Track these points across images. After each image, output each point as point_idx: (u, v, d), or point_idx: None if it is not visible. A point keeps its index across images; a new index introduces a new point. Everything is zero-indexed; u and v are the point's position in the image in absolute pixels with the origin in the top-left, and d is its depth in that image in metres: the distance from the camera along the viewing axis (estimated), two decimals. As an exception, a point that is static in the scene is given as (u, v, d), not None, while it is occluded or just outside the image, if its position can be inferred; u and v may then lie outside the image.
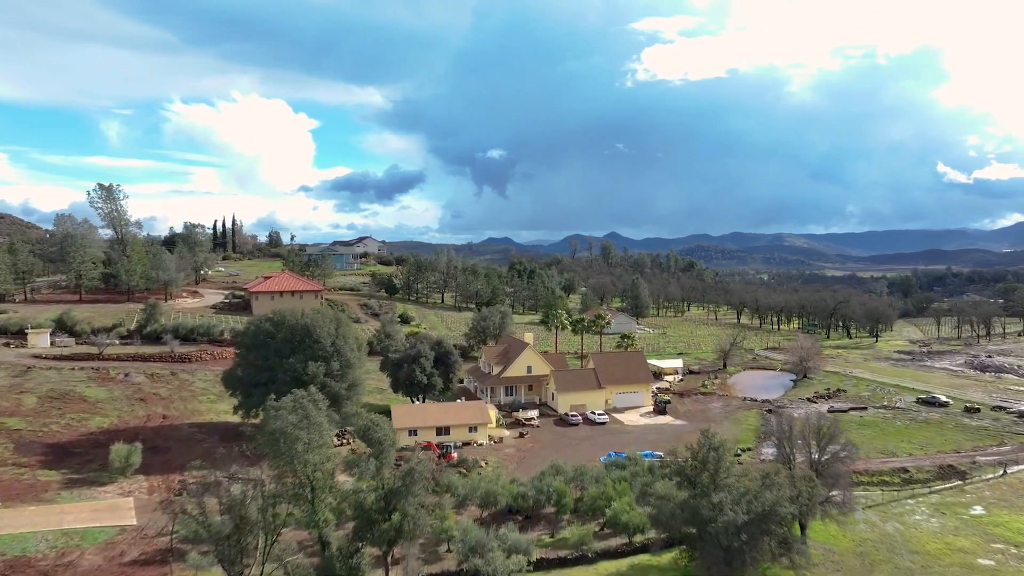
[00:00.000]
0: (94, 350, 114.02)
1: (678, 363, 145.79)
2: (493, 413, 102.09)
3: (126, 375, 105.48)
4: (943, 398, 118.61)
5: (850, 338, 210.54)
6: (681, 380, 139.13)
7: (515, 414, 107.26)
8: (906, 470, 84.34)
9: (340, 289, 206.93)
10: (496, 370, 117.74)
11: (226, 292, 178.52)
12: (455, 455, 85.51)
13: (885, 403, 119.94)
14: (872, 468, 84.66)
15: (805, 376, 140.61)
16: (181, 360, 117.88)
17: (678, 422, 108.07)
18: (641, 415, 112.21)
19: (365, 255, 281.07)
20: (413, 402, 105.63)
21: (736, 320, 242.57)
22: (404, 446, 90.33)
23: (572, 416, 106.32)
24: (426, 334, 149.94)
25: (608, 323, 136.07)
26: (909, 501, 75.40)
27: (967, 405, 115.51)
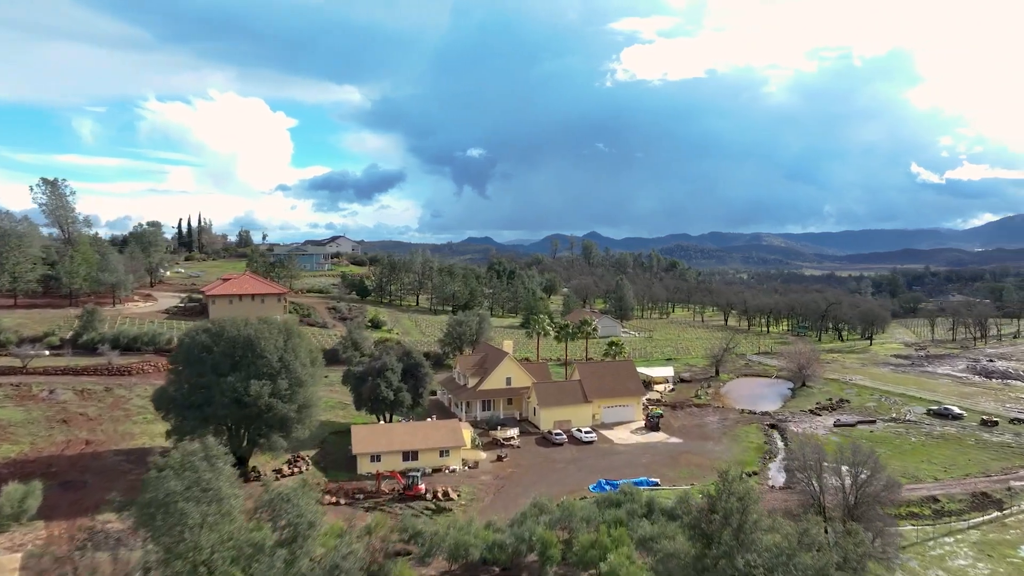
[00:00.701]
0: (17, 363, 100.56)
1: (668, 371, 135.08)
2: (468, 434, 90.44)
3: (50, 392, 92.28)
4: (956, 410, 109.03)
5: (842, 341, 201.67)
6: (672, 390, 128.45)
7: (493, 433, 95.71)
8: (936, 499, 74.03)
9: (308, 291, 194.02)
10: (472, 382, 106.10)
11: (183, 295, 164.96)
12: (423, 486, 73.73)
13: (894, 415, 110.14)
14: (898, 497, 74.30)
15: (804, 384, 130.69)
16: (119, 373, 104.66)
17: (673, 439, 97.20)
18: (632, 431, 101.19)
19: (337, 255, 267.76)
20: (379, 420, 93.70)
21: (724, 322, 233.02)
22: (365, 473, 78.62)
23: (556, 435, 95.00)
24: (397, 341, 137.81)
25: (595, 329, 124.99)
26: (947, 540, 64.95)
27: (983, 418, 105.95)
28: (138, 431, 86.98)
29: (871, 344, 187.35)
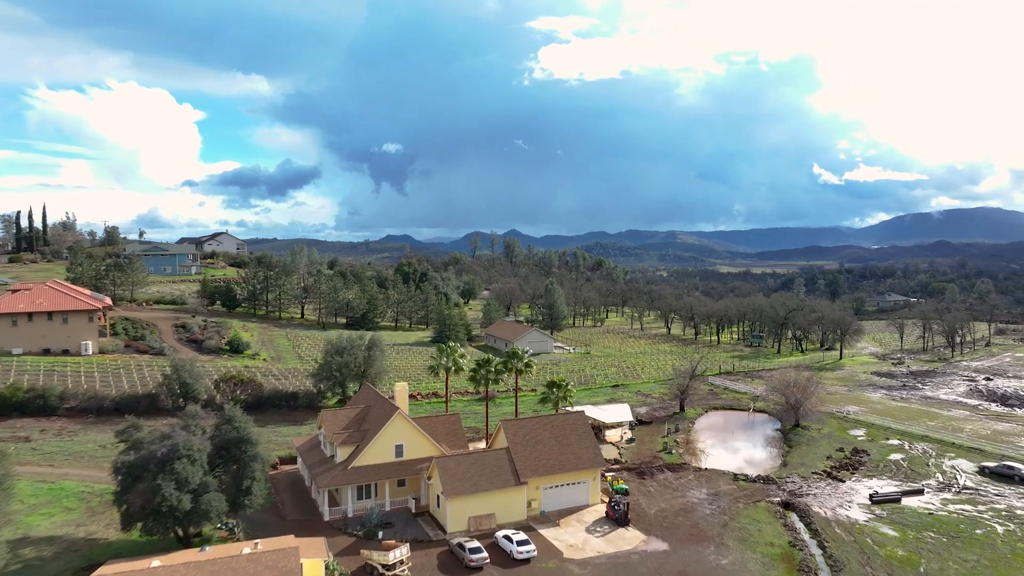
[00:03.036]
0: None
1: (624, 411, 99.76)
2: (317, 567, 51.50)
3: None
4: None
5: (803, 353, 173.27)
6: (631, 440, 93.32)
7: (367, 553, 56.97)
8: None
9: (156, 303, 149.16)
10: (342, 454, 67.32)
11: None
12: None
13: (939, 477, 78.54)
14: None
15: (797, 425, 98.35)
16: None
17: (654, 544, 61.50)
18: (588, 528, 64.91)
19: (213, 256, 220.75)
20: (179, 540, 53.76)
21: (666, 330, 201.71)
22: None
23: (472, 550, 57.39)
24: (249, 378, 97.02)
25: (529, 365, 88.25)
26: None
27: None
28: None
29: (841, 358, 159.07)
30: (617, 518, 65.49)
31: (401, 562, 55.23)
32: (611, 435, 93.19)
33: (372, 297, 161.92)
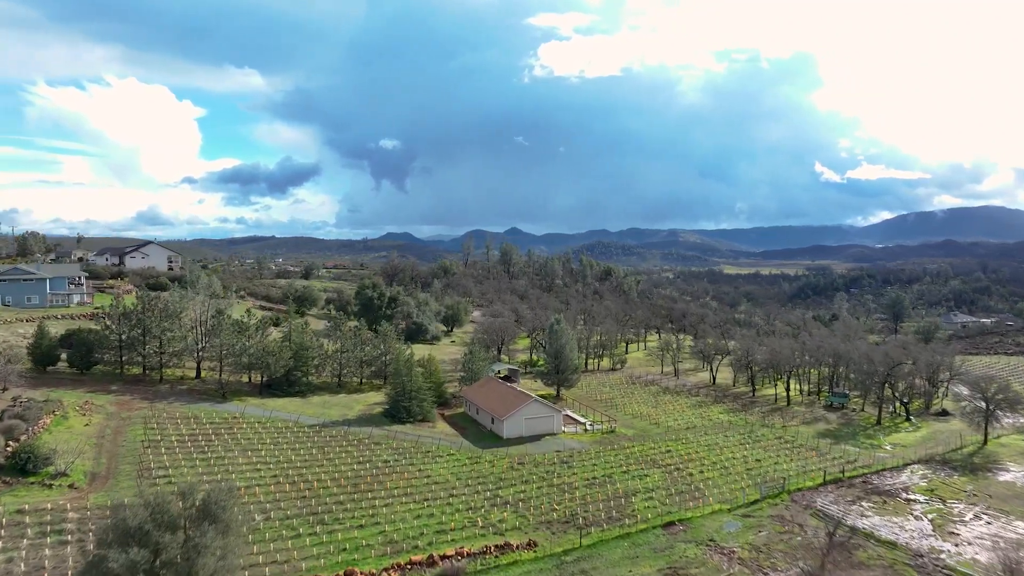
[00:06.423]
0: None
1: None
2: None
3: None
4: None
5: (909, 420, 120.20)
6: None
7: None
8: None
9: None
10: None
11: None
12: None
13: None
14: None
15: None
16: None
17: None
18: None
19: (120, 276, 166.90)
20: None
21: (710, 378, 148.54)
22: None
23: None
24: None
25: None
26: None
27: None
28: None
29: (986, 442, 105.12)
30: None
31: None
32: None
33: (301, 347, 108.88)
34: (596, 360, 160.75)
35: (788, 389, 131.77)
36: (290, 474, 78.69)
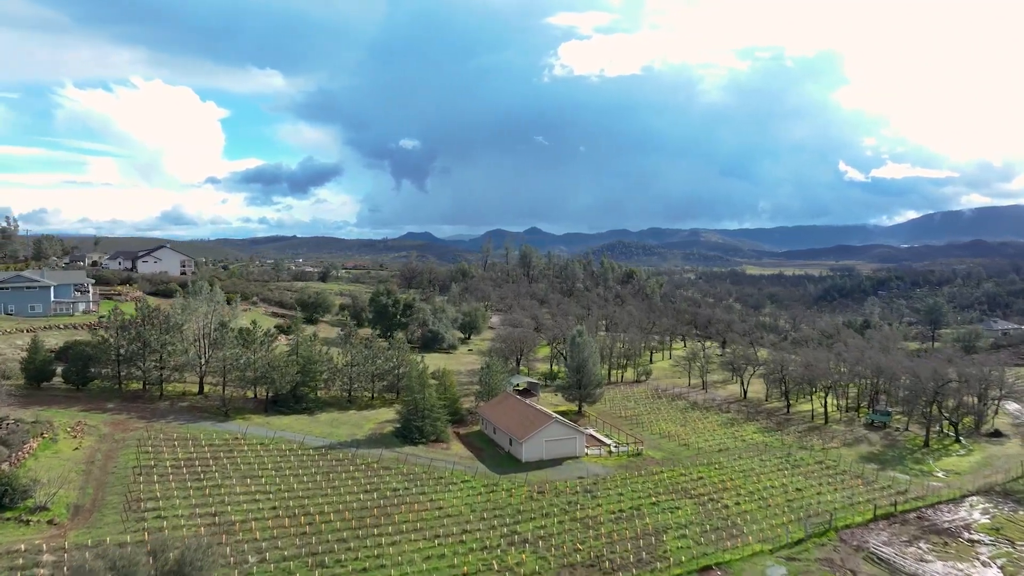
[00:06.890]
0: None
1: None
2: None
3: None
4: None
5: (960, 443, 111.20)
6: None
7: None
8: None
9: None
10: None
11: None
12: None
13: None
14: None
15: None
16: None
17: None
18: None
19: (129, 283, 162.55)
20: None
21: (741, 393, 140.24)
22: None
23: None
24: None
25: None
26: None
27: None
28: None
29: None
30: None
31: None
32: None
33: (308, 361, 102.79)
34: (620, 371, 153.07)
35: (826, 406, 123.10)
36: (290, 506, 72.36)
